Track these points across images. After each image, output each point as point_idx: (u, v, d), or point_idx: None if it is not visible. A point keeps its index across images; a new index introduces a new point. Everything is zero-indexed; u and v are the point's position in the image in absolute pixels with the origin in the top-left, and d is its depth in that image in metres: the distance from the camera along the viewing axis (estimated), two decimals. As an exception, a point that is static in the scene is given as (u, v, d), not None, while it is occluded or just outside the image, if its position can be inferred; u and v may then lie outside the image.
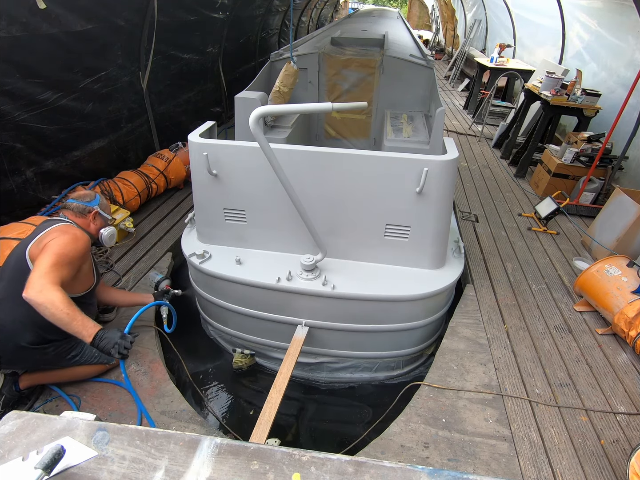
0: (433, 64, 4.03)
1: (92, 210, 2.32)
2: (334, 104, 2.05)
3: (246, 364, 2.96)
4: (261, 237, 2.78)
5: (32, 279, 1.82)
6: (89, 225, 2.31)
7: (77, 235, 2.07)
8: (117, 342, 1.92)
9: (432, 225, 2.55)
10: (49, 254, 1.91)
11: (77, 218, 2.26)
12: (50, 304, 1.79)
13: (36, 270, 1.85)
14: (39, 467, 0.81)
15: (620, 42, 5.31)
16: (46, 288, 1.80)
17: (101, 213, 2.36)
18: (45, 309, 1.79)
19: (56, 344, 2.13)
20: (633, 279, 2.87)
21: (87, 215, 2.30)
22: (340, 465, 0.88)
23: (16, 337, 2.00)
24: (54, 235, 2.02)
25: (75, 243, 2.03)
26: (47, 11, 3.13)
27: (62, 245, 1.97)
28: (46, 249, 1.94)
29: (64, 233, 2.04)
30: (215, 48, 6.45)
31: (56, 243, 1.97)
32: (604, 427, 2.28)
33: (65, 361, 2.19)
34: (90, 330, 1.89)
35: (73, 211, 2.27)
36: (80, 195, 2.34)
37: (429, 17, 20.51)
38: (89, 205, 2.31)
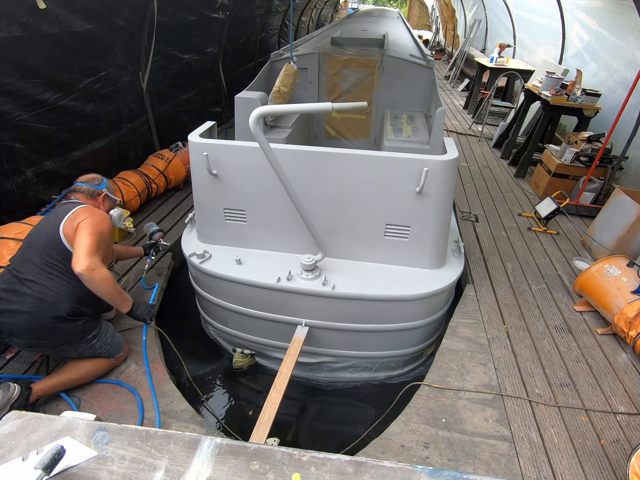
0: (433, 64, 4.03)
1: (101, 192, 2.40)
2: (334, 104, 2.05)
3: (246, 363, 2.96)
4: (261, 237, 2.78)
5: (82, 256, 1.98)
6: (99, 207, 2.38)
7: (104, 215, 2.23)
8: (150, 310, 2.37)
9: (432, 225, 2.55)
10: (88, 233, 2.05)
11: (88, 200, 2.34)
12: (103, 281, 2.03)
13: (82, 249, 2.00)
14: (39, 467, 0.81)
15: (620, 42, 5.31)
16: (98, 266, 2.01)
17: (109, 195, 2.45)
18: (99, 285, 2.03)
19: (85, 319, 2.22)
20: (633, 279, 2.87)
21: (97, 198, 2.39)
22: (340, 465, 0.88)
23: (56, 306, 2.09)
24: (84, 215, 2.13)
25: (105, 222, 2.20)
26: (47, 11, 3.13)
27: (97, 224, 2.11)
28: (82, 228, 2.06)
29: (92, 212, 2.17)
30: (215, 48, 6.45)
31: (90, 222, 2.09)
32: (604, 427, 2.28)
33: (85, 342, 2.25)
34: (129, 302, 2.26)
35: (84, 194, 2.34)
36: (88, 179, 2.41)
37: (429, 17, 20.51)
38: (97, 187, 2.39)
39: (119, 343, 2.43)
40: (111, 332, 2.39)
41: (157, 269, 3.37)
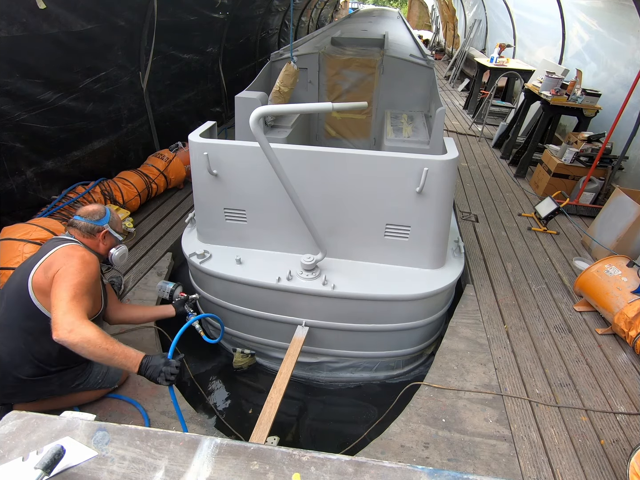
0: (433, 64, 4.03)
1: (102, 229, 2.09)
2: (334, 103, 2.06)
3: (246, 363, 2.96)
4: (261, 236, 2.78)
5: (58, 317, 1.66)
6: (98, 245, 2.10)
7: (85, 258, 1.88)
8: (162, 369, 1.74)
9: (432, 225, 2.55)
10: (65, 287, 1.74)
11: (84, 238, 2.06)
12: (86, 343, 1.63)
13: (58, 307, 1.69)
14: (39, 467, 0.81)
15: (620, 42, 5.31)
16: (77, 325, 1.65)
17: (111, 232, 2.13)
18: (83, 348, 1.64)
19: (60, 374, 2.00)
20: (633, 279, 2.87)
21: (97, 235, 2.08)
22: (340, 465, 0.88)
23: (15, 369, 1.87)
24: (60, 261, 1.82)
25: (86, 267, 1.85)
26: (47, 11, 3.13)
27: (75, 273, 1.79)
28: (59, 281, 1.76)
29: (70, 257, 1.84)
30: (215, 48, 6.45)
31: (68, 272, 1.78)
32: (604, 427, 2.28)
33: (70, 389, 2.08)
34: (134, 360, 1.73)
35: (80, 231, 2.05)
36: (88, 213, 2.09)
37: (429, 17, 20.51)
38: (98, 224, 2.07)
39: (114, 375, 2.24)
40: (103, 372, 2.18)
41: (157, 268, 3.37)
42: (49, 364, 1.93)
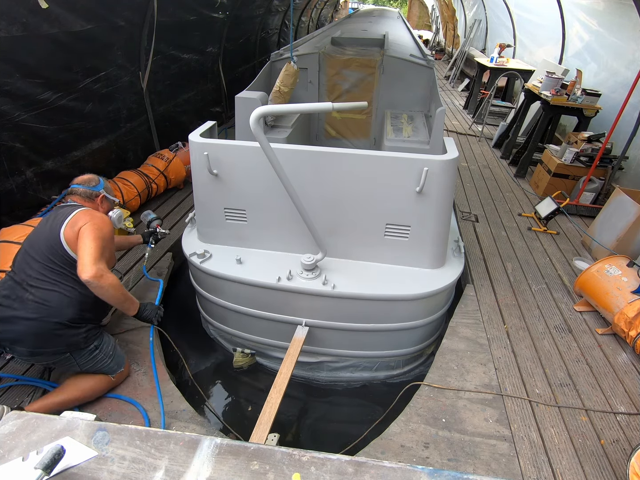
0: (433, 64, 4.03)
1: (99, 194, 2.34)
2: (334, 103, 2.06)
3: (246, 363, 2.96)
4: (261, 236, 2.78)
5: (88, 263, 1.95)
6: (97, 208, 2.33)
7: (104, 218, 2.19)
8: (157, 312, 2.35)
9: (432, 225, 2.55)
10: (91, 238, 2.02)
11: (85, 202, 2.29)
12: (111, 287, 2.01)
13: (87, 255, 1.97)
14: (39, 467, 0.81)
15: (620, 42, 5.31)
16: (105, 272, 1.99)
17: (107, 196, 2.39)
18: (107, 291, 2.01)
19: (88, 326, 2.18)
20: (633, 279, 2.87)
21: (95, 200, 2.33)
22: (340, 465, 0.88)
23: (60, 312, 2.05)
24: (84, 219, 2.09)
25: (107, 225, 2.16)
26: (47, 11, 3.12)
27: (99, 228, 2.08)
28: (85, 234, 2.03)
29: (92, 216, 2.12)
30: (215, 48, 6.44)
31: (92, 227, 2.06)
32: (604, 427, 2.28)
33: (87, 353, 2.19)
34: (136, 305, 2.25)
35: (81, 196, 2.29)
36: (84, 180, 2.34)
37: (429, 17, 20.50)
38: (95, 189, 2.33)
39: (121, 358, 2.35)
40: (112, 345, 2.33)
41: (157, 268, 3.37)
42: (86, 308, 2.14)
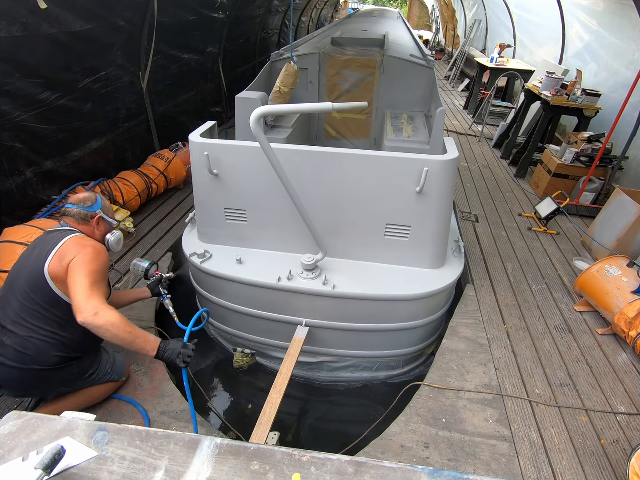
0: (433, 64, 4.03)
1: (94, 215, 2.09)
2: (334, 103, 2.06)
3: (246, 363, 2.96)
4: (261, 236, 2.78)
5: (81, 302, 1.73)
6: (93, 232, 2.10)
7: (97, 247, 1.94)
8: (180, 351, 1.90)
9: (432, 225, 2.55)
10: (83, 273, 1.80)
11: (79, 225, 2.05)
12: (111, 326, 1.73)
13: (80, 292, 1.76)
14: (39, 467, 0.81)
15: (620, 42, 5.31)
16: (101, 309, 1.74)
17: (104, 217, 2.14)
18: (107, 330, 1.73)
19: (78, 360, 2.02)
20: (633, 279, 2.87)
21: (90, 221, 2.08)
22: (340, 465, 0.88)
23: (41, 359, 1.88)
24: (73, 250, 1.86)
25: (99, 256, 1.91)
26: (47, 11, 3.12)
27: (90, 260, 1.85)
28: (75, 269, 1.81)
29: (83, 246, 1.89)
30: (215, 48, 6.44)
31: (83, 260, 1.83)
32: (604, 427, 2.28)
33: (83, 380, 2.09)
34: (153, 344, 1.87)
35: (74, 218, 2.05)
36: (80, 200, 2.09)
37: (429, 17, 20.50)
38: (90, 210, 2.08)
39: (121, 366, 2.27)
40: (110, 361, 2.21)
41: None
42: (72, 349, 1.96)
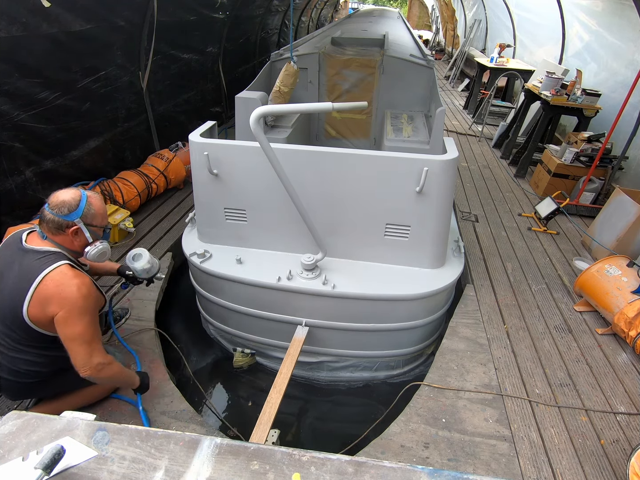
0: (433, 64, 4.03)
1: (71, 225, 1.77)
2: (334, 103, 2.06)
3: (246, 363, 2.96)
4: (262, 236, 2.78)
5: (83, 362, 1.75)
6: (71, 243, 1.82)
7: (82, 292, 1.71)
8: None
9: (432, 225, 2.55)
10: (77, 332, 1.71)
11: (54, 235, 1.79)
12: (111, 379, 1.94)
13: (80, 352, 1.73)
14: (39, 467, 0.81)
15: (620, 42, 5.31)
16: (104, 366, 1.81)
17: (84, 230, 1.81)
18: (108, 382, 2.03)
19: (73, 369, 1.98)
20: (633, 279, 2.87)
21: (66, 231, 1.78)
22: (340, 465, 0.88)
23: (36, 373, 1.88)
24: (56, 300, 1.67)
25: (87, 302, 1.73)
26: (47, 11, 3.12)
27: (81, 314, 1.71)
28: (68, 324, 1.70)
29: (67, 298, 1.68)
30: (215, 48, 6.44)
31: (71, 313, 1.69)
32: (604, 427, 2.28)
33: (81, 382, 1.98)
34: (136, 380, 2.14)
35: (48, 226, 1.76)
36: (57, 204, 1.75)
37: (429, 17, 20.50)
38: (66, 218, 1.75)
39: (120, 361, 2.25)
40: None
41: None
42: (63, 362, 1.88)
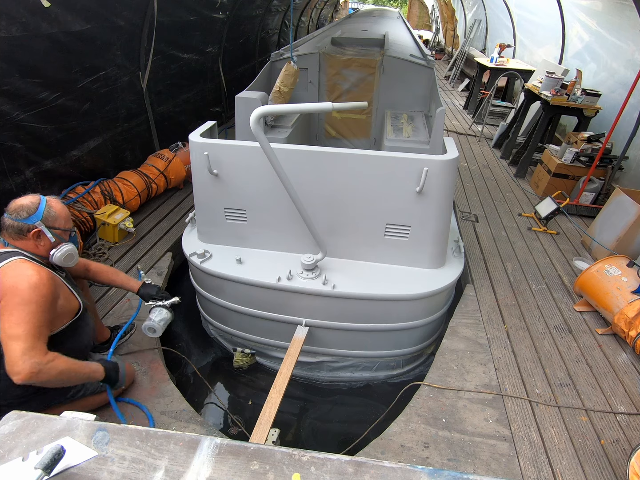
0: (433, 64, 4.03)
1: (31, 228, 1.71)
2: (335, 103, 2.06)
3: (246, 363, 2.96)
4: (262, 236, 2.78)
5: (17, 358, 1.51)
6: (35, 247, 1.75)
7: (32, 281, 1.60)
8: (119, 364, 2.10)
9: (432, 225, 2.55)
10: (16, 321, 1.55)
11: (15, 241, 1.73)
12: (56, 378, 1.62)
13: (14, 348, 1.52)
14: (39, 467, 0.81)
15: (620, 42, 5.31)
16: (43, 365, 1.56)
17: (45, 231, 1.74)
18: (53, 383, 1.64)
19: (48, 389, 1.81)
20: (633, 279, 2.87)
21: (27, 235, 1.72)
22: (340, 466, 0.88)
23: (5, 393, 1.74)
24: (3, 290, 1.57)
25: (36, 293, 1.60)
26: (47, 11, 3.12)
27: (23, 301, 1.57)
28: (6, 315, 1.56)
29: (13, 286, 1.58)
30: (215, 48, 6.44)
31: (13, 304, 1.56)
32: (604, 427, 2.28)
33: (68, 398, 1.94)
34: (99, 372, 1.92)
35: (8, 232, 1.71)
36: (15, 208, 1.70)
37: (429, 17, 20.50)
38: (25, 222, 1.70)
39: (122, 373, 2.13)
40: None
41: (157, 268, 3.37)
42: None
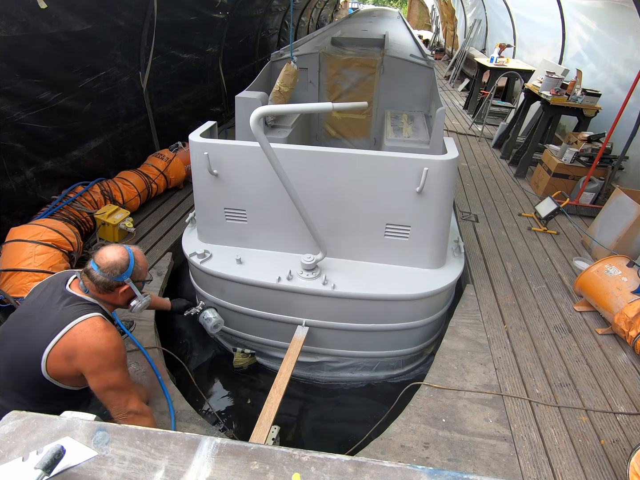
0: (433, 64, 4.03)
1: (121, 285, 1.80)
2: (335, 103, 2.06)
3: (247, 363, 2.96)
4: (262, 236, 2.78)
5: (117, 406, 1.72)
6: (115, 298, 1.84)
7: (113, 343, 1.69)
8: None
9: (432, 225, 2.55)
10: (110, 381, 1.69)
11: (100, 294, 1.79)
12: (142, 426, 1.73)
13: (113, 398, 1.72)
14: (39, 467, 0.81)
15: (620, 42, 5.31)
16: (134, 412, 1.76)
17: (133, 288, 1.84)
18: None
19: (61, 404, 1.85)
20: (633, 279, 2.87)
21: (115, 290, 1.80)
22: (340, 466, 0.87)
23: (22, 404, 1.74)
24: (85, 354, 1.63)
25: (118, 354, 1.71)
26: (47, 11, 3.12)
27: (113, 367, 1.69)
28: (100, 378, 1.68)
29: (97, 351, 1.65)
30: (215, 48, 6.44)
31: (104, 369, 1.67)
32: (604, 427, 2.28)
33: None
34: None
35: (97, 286, 1.76)
36: (109, 265, 1.73)
37: (429, 17, 20.50)
38: (118, 279, 1.77)
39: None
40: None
41: (157, 268, 3.37)
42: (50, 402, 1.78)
